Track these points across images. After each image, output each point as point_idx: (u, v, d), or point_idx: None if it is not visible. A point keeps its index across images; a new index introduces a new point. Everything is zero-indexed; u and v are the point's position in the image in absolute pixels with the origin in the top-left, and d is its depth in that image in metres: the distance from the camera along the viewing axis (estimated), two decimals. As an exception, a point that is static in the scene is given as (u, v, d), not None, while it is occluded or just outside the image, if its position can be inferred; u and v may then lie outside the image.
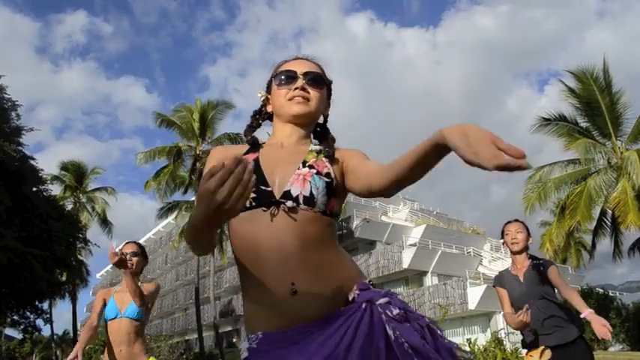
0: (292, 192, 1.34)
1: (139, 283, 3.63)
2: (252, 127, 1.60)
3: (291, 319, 1.28)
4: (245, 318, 1.39)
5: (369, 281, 1.41)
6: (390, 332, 1.23)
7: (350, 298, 1.34)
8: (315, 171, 1.38)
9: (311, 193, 1.34)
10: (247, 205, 1.32)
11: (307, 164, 1.40)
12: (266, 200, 1.33)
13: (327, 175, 1.39)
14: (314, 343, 1.23)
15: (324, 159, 1.44)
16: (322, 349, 1.21)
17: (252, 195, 1.32)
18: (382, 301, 1.30)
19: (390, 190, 1.24)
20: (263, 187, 1.34)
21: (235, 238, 1.39)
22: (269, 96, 1.58)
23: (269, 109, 1.59)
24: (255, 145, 1.51)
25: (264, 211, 1.33)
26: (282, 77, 1.52)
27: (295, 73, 1.51)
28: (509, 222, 3.67)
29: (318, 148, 1.49)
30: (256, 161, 1.41)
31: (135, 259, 3.64)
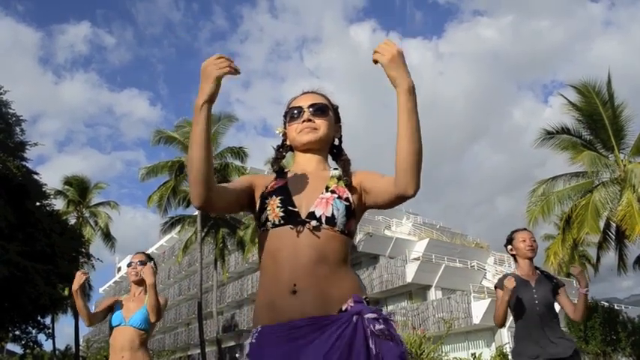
0: (316, 213, 1.53)
1: (146, 296, 3.63)
2: (278, 158, 1.78)
3: (288, 314, 1.44)
4: (252, 318, 1.57)
5: (365, 297, 1.53)
6: (372, 346, 1.39)
7: (343, 308, 1.47)
8: (336, 195, 1.58)
9: (332, 214, 1.54)
10: (277, 222, 1.54)
11: (330, 189, 1.60)
12: (293, 219, 1.53)
13: (347, 199, 1.58)
14: (310, 346, 1.38)
15: (343, 185, 1.62)
16: (317, 353, 1.37)
17: (281, 214, 1.54)
18: (370, 315, 1.43)
19: (408, 179, 1.42)
20: (291, 208, 1.55)
21: (263, 250, 1.58)
22: (286, 131, 1.78)
23: (288, 142, 1.78)
24: (281, 173, 1.71)
25: (291, 228, 1.53)
26: (291, 114, 1.74)
27: (301, 108, 1.72)
28: (517, 230, 3.75)
29: (337, 174, 1.68)
30: (285, 186, 1.62)
31: (140, 267, 3.69)
